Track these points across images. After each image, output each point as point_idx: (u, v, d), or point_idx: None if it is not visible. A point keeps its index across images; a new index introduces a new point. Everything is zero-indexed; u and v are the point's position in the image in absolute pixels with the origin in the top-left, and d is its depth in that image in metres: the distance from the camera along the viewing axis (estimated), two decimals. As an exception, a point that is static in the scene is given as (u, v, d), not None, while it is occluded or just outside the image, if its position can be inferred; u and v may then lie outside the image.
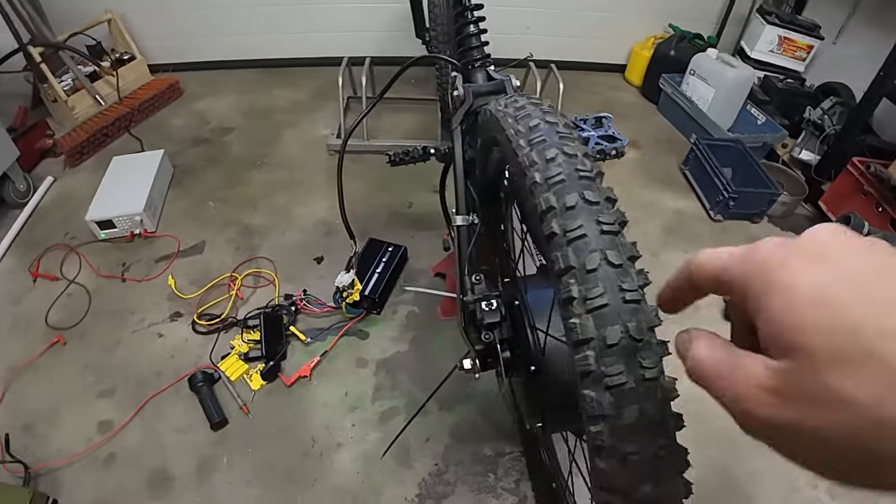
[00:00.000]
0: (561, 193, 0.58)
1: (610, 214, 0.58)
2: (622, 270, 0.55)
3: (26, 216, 2.06)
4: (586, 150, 0.64)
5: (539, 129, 0.64)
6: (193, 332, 1.65)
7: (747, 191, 2.05)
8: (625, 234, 0.58)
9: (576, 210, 0.56)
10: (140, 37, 2.76)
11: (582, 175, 0.59)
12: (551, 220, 0.57)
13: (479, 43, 1.11)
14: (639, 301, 0.54)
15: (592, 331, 0.53)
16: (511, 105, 0.73)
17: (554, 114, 0.69)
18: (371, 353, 1.59)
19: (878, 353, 0.21)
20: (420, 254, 1.86)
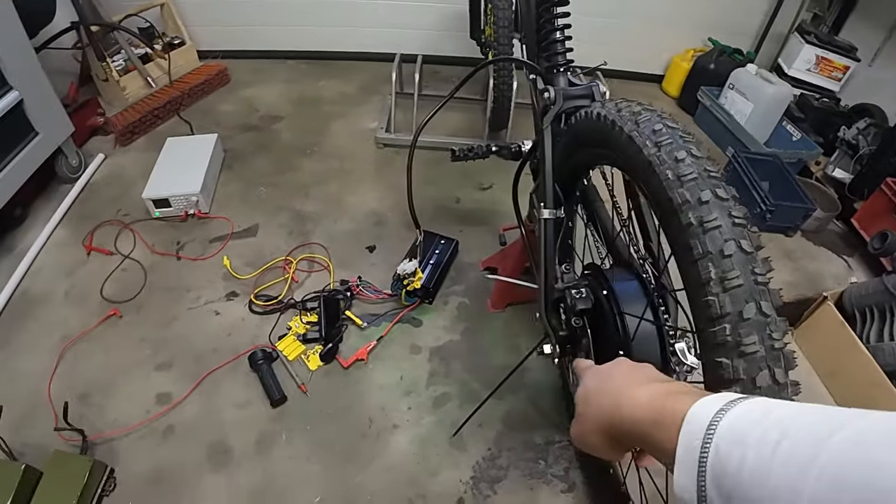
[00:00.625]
0: (695, 189, 0.64)
1: (739, 209, 0.64)
2: (752, 257, 0.61)
3: (78, 191, 2.12)
4: (707, 151, 0.70)
5: (664, 133, 0.70)
6: (250, 312, 1.70)
7: (785, 204, 2.10)
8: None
9: (710, 204, 0.62)
10: (190, 22, 2.81)
11: (711, 175, 0.65)
12: (688, 212, 0.63)
13: (563, 49, 1.16)
14: (767, 283, 0.60)
15: (729, 306, 0.59)
16: (626, 109, 0.78)
17: (670, 119, 0.75)
18: (425, 341, 1.64)
19: (594, 400, 0.52)
20: (469, 248, 1.92)
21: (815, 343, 1.77)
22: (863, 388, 1.59)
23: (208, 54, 2.88)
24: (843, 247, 2.24)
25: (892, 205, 2.11)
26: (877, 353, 1.59)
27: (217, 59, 2.85)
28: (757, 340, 0.59)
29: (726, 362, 0.60)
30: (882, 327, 1.65)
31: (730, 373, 0.60)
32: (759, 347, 0.59)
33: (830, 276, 2.09)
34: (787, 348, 0.61)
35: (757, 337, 0.60)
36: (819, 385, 1.72)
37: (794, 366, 0.61)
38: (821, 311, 1.75)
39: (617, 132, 0.77)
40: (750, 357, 0.59)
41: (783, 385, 0.60)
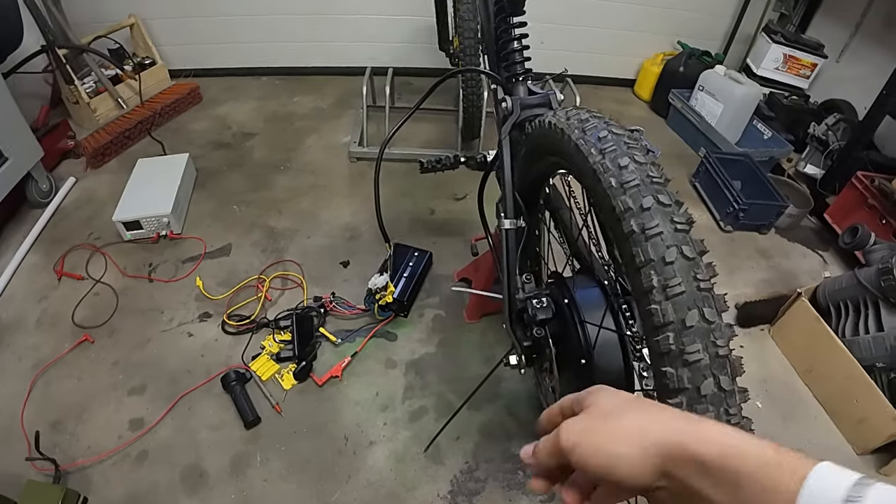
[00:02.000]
0: (637, 196, 0.63)
1: (681, 215, 0.63)
2: (694, 263, 0.61)
3: (49, 215, 2.09)
4: (652, 157, 0.70)
5: (609, 140, 0.70)
6: (223, 333, 1.68)
7: (757, 202, 2.12)
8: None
9: (651, 211, 0.62)
10: (161, 42, 2.80)
11: (654, 181, 0.65)
12: (630, 219, 0.62)
13: (521, 58, 1.17)
14: (710, 289, 0.60)
15: (672, 315, 0.59)
16: (574, 118, 0.78)
17: (616, 125, 0.75)
18: (400, 355, 1.63)
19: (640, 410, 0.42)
20: (443, 259, 1.91)
21: (791, 340, 1.78)
22: (841, 383, 1.60)
23: (180, 73, 2.86)
24: (818, 242, 2.26)
25: (863, 198, 2.13)
26: (852, 347, 1.60)
27: (189, 78, 2.83)
28: (700, 348, 0.59)
29: (671, 371, 0.60)
30: (857, 321, 1.66)
31: (675, 382, 0.59)
32: (703, 355, 0.59)
33: (805, 272, 2.11)
34: (733, 354, 0.60)
35: (700, 345, 0.59)
36: (798, 382, 1.72)
37: (741, 372, 0.61)
38: (795, 307, 1.76)
39: (566, 141, 0.77)
40: (694, 366, 0.59)
41: (730, 392, 0.59)
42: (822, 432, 1.59)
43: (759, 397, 1.64)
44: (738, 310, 1.87)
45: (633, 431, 0.40)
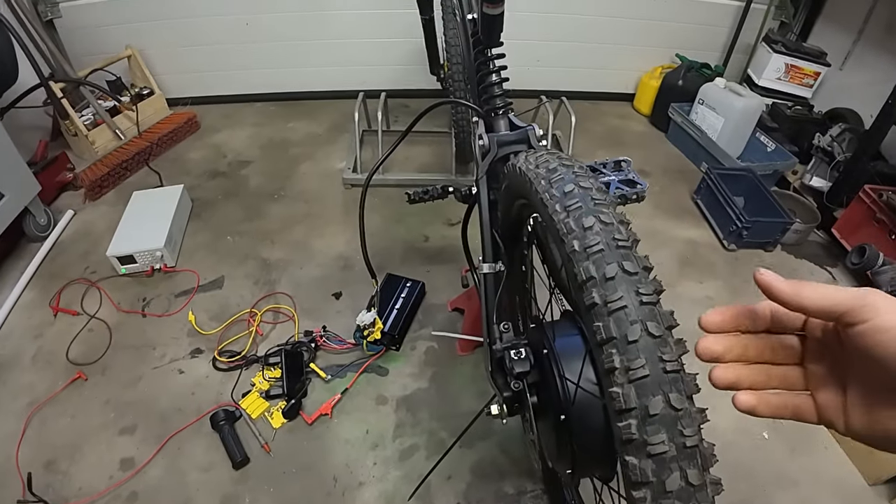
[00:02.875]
0: (600, 263, 0.59)
1: (648, 284, 0.59)
2: (661, 341, 0.56)
3: (46, 250, 2.09)
4: (622, 216, 0.66)
5: (574, 196, 0.66)
6: (214, 369, 1.66)
7: (760, 220, 2.06)
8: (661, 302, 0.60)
9: (615, 280, 0.58)
10: (158, 71, 2.82)
11: (620, 244, 0.61)
12: (592, 289, 0.59)
13: (501, 91, 1.14)
14: (678, 370, 0.56)
15: (634, 400, 0.54)
16: (543, 165, 0.75)
17: (586, 176, 0.71)
18: (391, 391, 1.60)
19: None
20: (437, 288, 1.88)
21: (798, 365, 1.71)
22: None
23: (178, 101, 2.88)
24: (826, 258, 2.20)
25: (871, 213, 2.07)
26: (861, 375, 1.53)
27: (186, 106, 2.85)
28: (665, 439, 0.53)
29: (633, 462, 0.54)
30: (865, 345, 1.60)
31: (637, 475, 0.54)
32: (669, 447, 0.53)
33: (813, 290, 2.04)
34: (703, 443, 0.55)
35: (665, 435, 0.53)
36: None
37: (713, 462, 0.56)
38: (801, 331, 1.70)
39: (533, 192, 0.74)
40: (658, 458, 0.53)
41: (699, 487, 0.53)
42: (832, 463, 1.53)
43: (765, 428, 1.58)
44: (742, 333, 1.81)
45: None
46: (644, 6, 2.81)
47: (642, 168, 2.59)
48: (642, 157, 2.67)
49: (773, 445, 1.55)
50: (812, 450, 1.55)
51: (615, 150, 2.71)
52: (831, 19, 2.76)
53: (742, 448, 1.53)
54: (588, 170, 0.74)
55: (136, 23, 2.71)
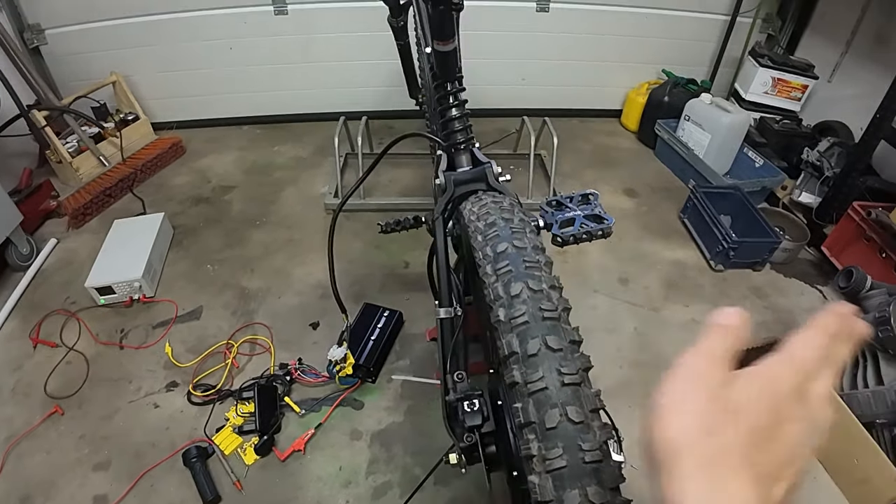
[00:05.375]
0: (524, 337, 0.57)
1: (573, 361, 0.56)
2: (583, 427, 0.53)
3: (29, 279, 2.08)
4: (554, 279, 0.63)
5: (507, 256, 0.64)
6: (189, 403, 1.64)
7: (748, 241, 2.03)
8: (589, 378, 0.57)
9: (538, 358, 0.55)
10: (144, 96, 2.82)
11: (546, 316, 0.58)
12: (513, 367, 0.56)
13: (462, 126, 1.12)
14: (600, 461, 0.52)
15: (551, 493, 0.51)
16: (483, 218, 0.73)
17: (522, 232, 0.69)
18: (366, 425, 1.57)
19: None
20: (416, 317, 1.85)
21: (785, 391, 1.67)
22: (841, 441, 1.49)
23: (164, 125, 2.88)
24: (816, 276, 2.16)
25: (860, 230, 2.03)
26: (851, 402, 1.50)
27: (172, 130, 2.85)
28: None
29: None
30: (855, 373, 1.56)
31: None
32: None
33: (804, 310, 2.00)
34: None
35: None
36: (793, 437, 1.61)
37: None
38: (787, 357, 1.66)
39: (472, 246, 0.71)
40: None
41: None
42: (823, 494, 1.49)
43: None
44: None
45: None
46: (629, 23, 2.79)
47: (630, 187, 2.56)
48: (630, 174, 2.65)
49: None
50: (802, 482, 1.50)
51: (603, 169, 2.69)
52: (818, 31, 2.73)
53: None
54: (529, 223, 0.71)
55: (121, 49, 2.72)
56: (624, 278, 2.03)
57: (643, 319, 1.89)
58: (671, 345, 1.81)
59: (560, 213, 1.10)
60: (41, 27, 2.66)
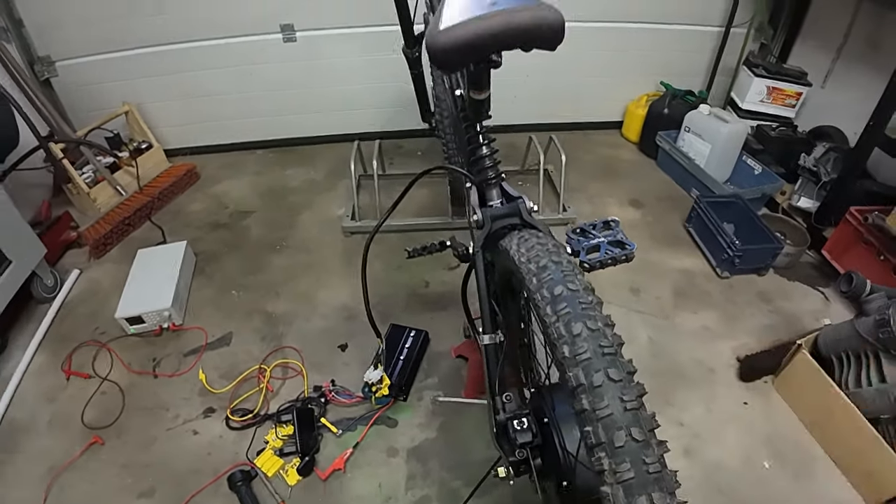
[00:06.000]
0: (588, 371, 0.65)
1: (632, 389, 0.64)
2: (644, 444, 0.61)
3: (55, 311, 2.13)
4: (607, 318, 0.71)
5: (563, 300, 0.71)
6: (227, 428, 1.69)
7: (751, 248, 2.11)
8: (644, 402, 0.65)
9: (602, 388, 0.63)
10: (156, 124, 2.89)
11: (605, 352, 0.66)
12: (581, 396, 0.64)
13: (492, 163, 1.19)
14: (660, 471, 0.61)
15: (623, 500, 0.59)
16: (534, 261, 0.80)
17: (573, 275, 0.76)
18: (401, 442, 1.63)
19: None
20: (440, 335, 1.92)
21: (795, 392, 1.76)
22: (848, 437, 1.58)
23: (177, 152, 2.94)
24: (818, 278, 2.24)
25: (859, 234, 2.12)
26: (857, 399, 1.57)
27: (186, 157, 2.91)
28: None
29: None
30: (859, 372, 1.64)
31: None
32: None
33: (808, 312, 2.09)
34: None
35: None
36: (805, 435, 1.69)
37: None
38: (796, 360, 1.74)
39: (526, 287, 0.79)
40: None
41: None
42: (834, 487, 1.57)
43: (766, 457, 1.62)
44: (739, 363, 1.86)
45: None
46: (626, 38, 2.88)
47: (635, 197, 2.65)
48: (634, 185, 2.73)
49: (776, 474, 1.58)
50: (814, 475, 1.58)
51: (608, 180, 2.77)
52: (810, 39, 2.82)
53: (745, 479, 1.56)
54: (575, 266, 0.79)
55: (131, 79, 2.77)
56: (635, 288, 2.11)
57: (656, 328, 1.97)
58: (684, 352, 1.89)
59: (586, 241, 1.17)
60: (51, 59, 2.71)
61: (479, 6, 0.83)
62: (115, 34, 2.64)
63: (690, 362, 1.87)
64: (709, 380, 1.82)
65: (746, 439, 1.66)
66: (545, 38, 0.86)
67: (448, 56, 0.84)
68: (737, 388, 1.80)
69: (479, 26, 0.82)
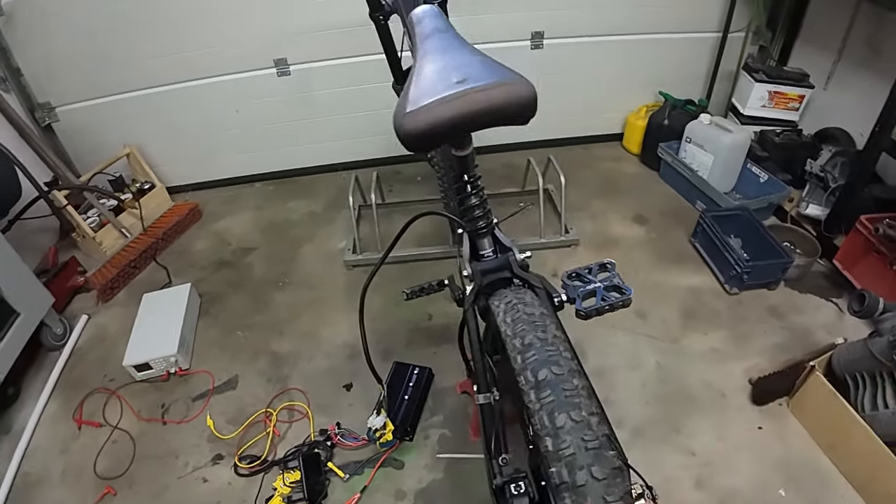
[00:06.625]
0: (572, 468, 0.63)
1: (616, 487, 0.62)
2: None
3: (65, 359, 2.15)
4: (592, 406, 0.69)
5: (548, 384, 0.70)
6: (236, 475, 1.70)
7: (760, 263, 2.07)
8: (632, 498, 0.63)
9: (585, 488, 0.61)
10: (157, 163, 2.92)
11: (589, 446, 0.64)
12: (564, 495, 0.62)
13: (482, 212, 1.18)
14: None
15: None
16: (519, 335, 0.78)
17: (558, 353, 0.74)
18: (408, 484, 1.62)
19: None
20: (444, 370, 1.91)
21: (811, 415, 1.71)
22: (864, 460, 1.54)
23: (179, 189, 2.97)
24: (830, 288, 2.19)
25: (869, 244, 2.07)
26: (873, 423, 1.53)
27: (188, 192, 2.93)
28: None
29: None
30: (875, 393, 1.60)
31: None
32: None
33: (821, 326, 2.03)
34: None
35: None
36: (822, 458, 1.65)
37: None
38: (810, 382, 1.70)
39: (511, 362, 0.77)
40: None
41: None
42: (852, 509, 1.53)
43: (782, 483, 1.58)
44: (752, 386, 1.82)
45: None
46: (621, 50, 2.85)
47: (638, 213, 2.61)
48: (637, 200, 2.70)
49: (792, 501, 1.54)
50: (831, 499, 1.54)
51: (610, 196, 2.73)
52: (810, 40, 2.77)
53: (761, 507, 1.53)
54: (562, 340, 0.77)
55: (131, 120, 2.81)
56: (641, 311, 2.08)
57: (664, 352, 1.94)
58: (694, 376, 1.86)
59: (582, 286, 1.15)
60: (51, 105, 2.75)
61: (444, 84, 0.80)
62: (113, 78, 2.68)
63: (700, 386, 1.83)
64: (720, 404, 1.78)
65: (761, 466, 1.62)
66: (516, 115, 0.83)
67: (415, 142, 0.83)
68: (749, 411, 1.76)
69: (446, 110, 0.79)
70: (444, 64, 0.87)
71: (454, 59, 0.88)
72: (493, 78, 0.82)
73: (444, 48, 0.93)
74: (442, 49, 0.92)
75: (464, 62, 0.86)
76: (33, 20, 2.47)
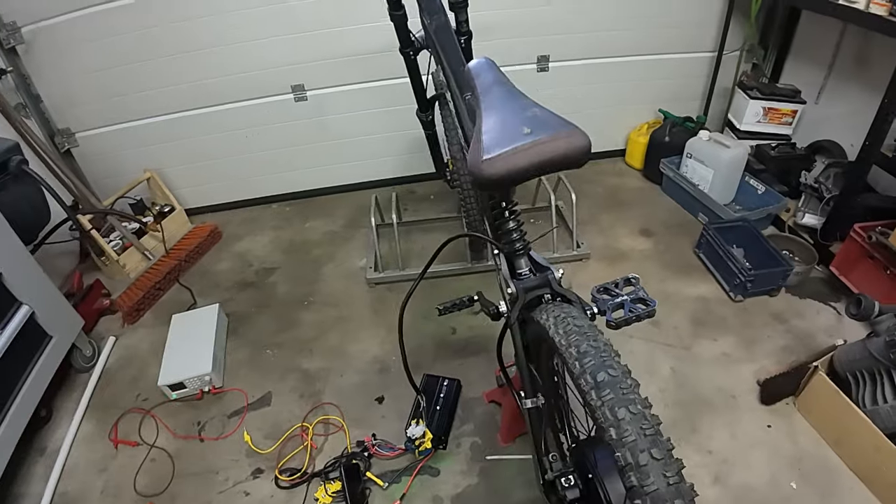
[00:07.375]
0: (635, 451, 0.73)
1: (672, 465, 0.73)
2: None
3: (96, 379, 2.20)
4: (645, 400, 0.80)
5: (605, 386, 0.80)
6: (277, 488, 1.76)
7: (762, 272, 2.19)
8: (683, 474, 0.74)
9: (647, 467, 0.72)
10: (176, 185, 3.00)
11: (647, 433, 0.75)
12: (630, 474, 0.72)
13: (519, 235, 1.28)
14: None
15: None
16: (574, 345, 0.89)
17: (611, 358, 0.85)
18: (444, 490, 1.70)
19: None
20: (471, 381, 2.00)
21: (816, 413, 1.82)
22: (869, 453, 1.64)
23: (198, 211, 3.06)
24: (829, 293, 2.31)
25: (864, 250, 2.19)
26: (874, 417, 1.64)
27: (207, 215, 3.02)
28: None
29: None
30: (875, 390, 1.71)
31: None
32: None
33: (822, 329, 2.15)
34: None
35: None
36: (830, 453, 1.75)
37: None
38: (814, 381, 1.81)
39: (569, 369, 0.87)
40: None
41: None
42: (858, 499, 1.62)
43: (793, 477, 1.67)
44: (760, 387, 1.92)
45: None
46: (623, 71, 2.99)
47: (645, 226, 2.73)
48: (642, 213, 2.82)
49: (802, 494, 1.64)
50: (840, 492, 1.64)
51: (616, 210, 2.85)
52: (801, 57, 2.91)
53: (774, 501, 1.62)
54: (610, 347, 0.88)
55: (150, 145, 2.89)
56: (655, 320, 2.18)
57: (678, 359, 2.05)
58: (706, 380, 1.97)
59: (611, 299, 1.26)
60: (71, 131, 2.83)
61: (515, 134, 0.96)
62: (132, 104, 2.76)
63: (713, 390, 1.94)
64: (732, 406, 1.89)
65: (772, 461, 1.72)
66: (575, 162, 0.99)
67: (493, 184, 0.98)
68: (759, 411, 1.87)
69: (519, 159, 0.96)
70: (510, 115, 1.03)
71: (517, 111, 1.05)
72: (556, 129, 1.00)
73: (505, 99, 1.10)
74: (503, 100, 1.09)
75: (527, 115, 1.03)
76: (53, 48, 2.55)
